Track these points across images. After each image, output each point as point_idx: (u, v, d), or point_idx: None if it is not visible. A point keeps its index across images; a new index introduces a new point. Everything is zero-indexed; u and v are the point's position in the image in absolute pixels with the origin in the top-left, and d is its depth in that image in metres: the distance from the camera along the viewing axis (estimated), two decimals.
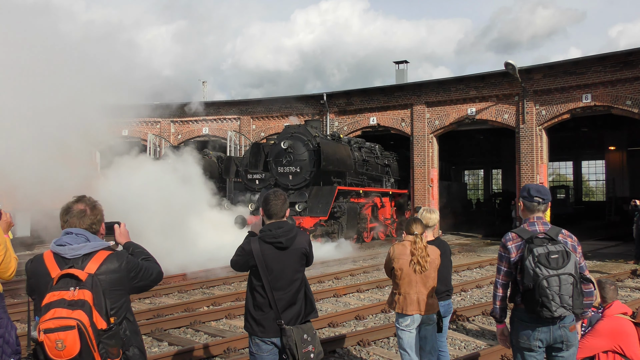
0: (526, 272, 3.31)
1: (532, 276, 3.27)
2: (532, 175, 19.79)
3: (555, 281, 3.25)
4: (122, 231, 3.06)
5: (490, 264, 14.27)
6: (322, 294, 9.72)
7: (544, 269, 3.26)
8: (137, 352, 2.71)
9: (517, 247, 3.48)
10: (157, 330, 7.17)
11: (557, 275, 3.26)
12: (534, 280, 3.27)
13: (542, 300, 3.24)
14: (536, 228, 3.51)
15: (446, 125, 21.73)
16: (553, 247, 3.35)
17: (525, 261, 3.33)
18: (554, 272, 3.26)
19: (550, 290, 3.23)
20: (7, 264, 3.72)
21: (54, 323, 2.39)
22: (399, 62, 27.08)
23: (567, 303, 3.26)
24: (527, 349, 3.46)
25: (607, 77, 18.09)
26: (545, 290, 3.23)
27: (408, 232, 4.38)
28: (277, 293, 3.49)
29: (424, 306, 4.30)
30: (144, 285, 2.85)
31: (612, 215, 31.70)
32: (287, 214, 3.72)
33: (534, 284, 3.27)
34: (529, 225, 3.55)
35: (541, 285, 3.24)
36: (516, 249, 3.49)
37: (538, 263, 3.28)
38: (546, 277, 3.25)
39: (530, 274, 3.29)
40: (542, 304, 3.24)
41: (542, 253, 3.31)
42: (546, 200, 3.59)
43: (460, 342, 6.87)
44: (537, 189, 3.62)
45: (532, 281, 3.28)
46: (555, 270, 3.26)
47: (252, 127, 26.14)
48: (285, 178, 17.11)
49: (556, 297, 3.24)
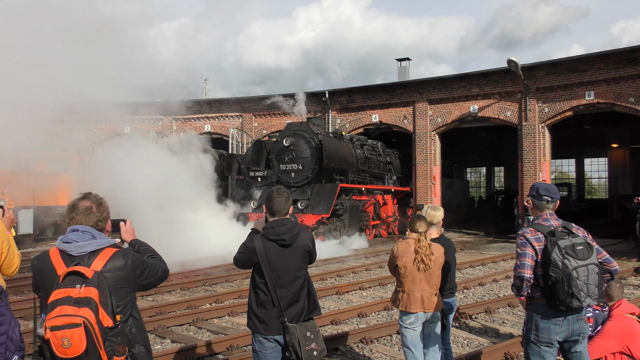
0: (553, 264, 3.34)
1: (561, 267, 3.32)
2: (535, 172, 19.76)
3: (584, 271, 3.32)
4: (127, 229, 3.06)
5: (492, 261, 14.27)
6: (325, 292, 9.73)
7: (573, 260, 3.32)
8: (142, 350, 2.72)
9: (537, 240, 3.51)
10: (160, 328, 7.19)
11: (585, 265, 3.33)
12: (563, 272, 3.31)
13: (572, 291, 3.29)
14: (552, 222, 3.57)
15: (448, 122, 21.70)
16: (575, 239, 3.42)
17: (551, 254, 3.37)
18: (582, 263, 3.32)
19: (580, 280, 3.29)
20: (10, 260, 3.73)
21: (60, 320, 2.40)
22: (401, 60, 27.05)
23: (593, 292, 3.34)
24: (547, 343, 3.50)
25: (610, 74, 18.03)
26: (576, 281, 3.29)
27: (412, 230, 4.37)
28: (280, 290, 3.49)
29: (427, 304, 4.29)
30: (150, 282, 2.85)
31: (614, 213, 31.65)
32: (290, 212, 3.72)
33: (562, 275, 3.31)
34: (543, 220, 3.61)
35: (571, 275, 3.29)
36: (536, 241, 3.51)
37: (566, 254, 3.33)
38: (575, 267, 3.31)
39: (558, 266, 3.33)
40: (572, 294, 3.29)
41: (568, 245, 3.37)
42: (555, 198, 3.63)
43: (463, 339, 6.87)
44: (545, 188, 3.66)
45: (560, 272, 3.32)
46: (583, 261, 3.33)
47: (254, 124, 26.13)
48: (288, 175, 17.11)
49: (584, 286, 3.30)
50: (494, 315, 8.10)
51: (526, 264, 3.52)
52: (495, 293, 9.97)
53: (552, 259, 3.35)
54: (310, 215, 15.75)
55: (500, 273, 11.87)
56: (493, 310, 8.23)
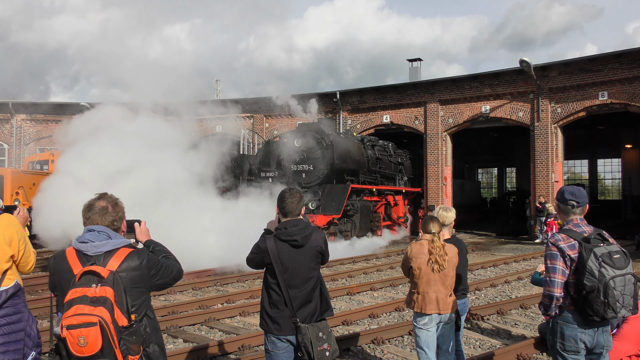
0: (589, 272, 3.19)
1: (598, 277, 3.16)
2: (547, 173, 19.63)
3: (621, 281, 3.18)
4: (142, 229, 3.09)
5: (504, 262, 14.19)
6: (336, 292, 9.73)
7: (610, 269, 3.17)
8: (157, 349, 2.74)
9: (571, 247, 3.33)
10: (172, 327, 7.23)
11: (622, 275, 3.19)
12: (600, 281, 3.16)
13: (608, 301, 3.15)
14: (584, 229, 3.39)
15: (460, 123, 21.61)
16: (610, 247, 3.26)
17: (586, 262, 3.20)
18: (619, 272, 3.18)
19: (617, 291, 3.15)
20: (27, 257, 3.82)
21: (76, 319, 2.43)
22: (412, 60, 26.94)
23: (628, 303, 3.20)
24: (574, 352, 3.38)
25: (623, 74, 17.88)
26: (612, 291, 3.14)
27: (425, 231, 4.36)
28: (293, 291, 3.50)
29: (443, 305, 4.27)
30: (164, 283, 2.88)
31: (628, 214, 31.31)
32: (303, 212, 3.72)
33: (598, 285, 3.16)
34: (574, 226, 3.42)
35: (608, 285, 3.15)
36: (570, 249, 3.33)
37: (603, 263, 3.18)
38: (612, 277, 3.16)
39: (595, 274, 3.17)
40: (608, 304, 3.15)
41: (605, 252, 3.21)
42: (581, 203, 3.44)
43: (475, 341, 6.84)
44: (571, 192, 3.48)
45: (597, 282, 3.16)
46: (620, 270, 3.19)
47: (265, 125, 26.19)
48: (299, 176, 17.13)
49: (621, 297, 3.16)
50: (506, 316, 8.05)
51: (556, 282, 3.34)
52: (507, 294, 9.91)
53: (588, 266, 3.19)
54: (321, 215, 15.75)
55: (512, 274, 11.79)
56: (505, 312, 8.18)
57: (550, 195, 19.09)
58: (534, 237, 20.36)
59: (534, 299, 8.65)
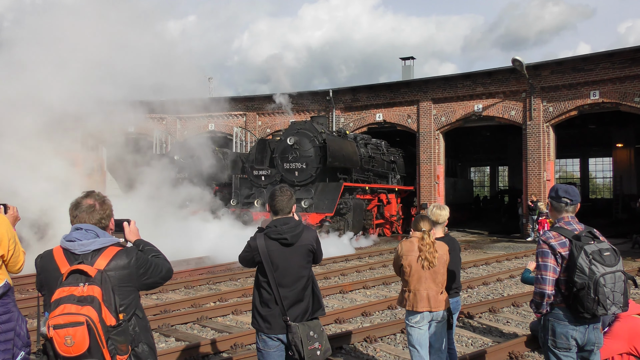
0: (580, 270, 3.23)
1: (588, 274, 3.20)
2: (539, 172, 19.71)
3: (611, 278, 3.21)
4: (132, 229, 3.05)
5: (496, 260, 14.23)
6: (329, 290, 9.73)
7: (600, 266, 3.21)
8: (146, 349, 2.71)
9: (562, 245, 3.36)
10: (164, 326, 7.19)
11: (612, 272, 3.22)
12: (590, 278, 3.20)
13: (598, 298, 3.18)
14: (575, 226, 3.42)
15: (452, 121, 21.65)
16: (601, 244, 3.30)
17: (577, 259, 3.24)
18: (609, 270, 3.21)
19: (607, 288, 3.19)
20: (16, 257, 3.77)
21: (63, 319, 2.39)
22: (405, 58, 26.94)
23: (619, 300, 3.24)
24: (566, 349, 3.40)
25: (615, 74, 17.96)
26: (603, 288, 3.18)
27: (415, 229, 4.36)
28: (283, 289, 3.48)
29: (434, 302, 4.27)
30: (154, 282, 2.85)
31: (619, 213, 31.51)
32: (294, 210, 3.70)
33: (589, 282, 3.20)
34: (565, 224, 3.45)
35: (599, 282, 3.18)
36: (561, 247, 3.36)
37: (593, 260, 3.21)
38: (603, 274, 3.20)
39: (585, 272, 3.21)
40: (599, 301, 3.19)
41: (595, 250, 3.25)
42: (575, 201, 3.48)
43: (467, 339, 6.85)
44: (565, 190, 3.51)
45: (587, 279, 3.20)
46: (610, 267, 3.22)
47: (258, 123, 26.13)
48: (291, 174, 17.11)
49: (611, 294, 3.20)
50: (498, 314, 8.07)
51: (547, 279, 3.36)
52: (500, 292, 9.94)
53: (579, 264, 3.22)
54: (314, 214, 15.74)
55: (504, 272, 11.83)
56: (497, 310, 8.20)
57: (542, 194, 19.16)
58: (526, 235, 20.44)
59: (526, 297, 8.68)
